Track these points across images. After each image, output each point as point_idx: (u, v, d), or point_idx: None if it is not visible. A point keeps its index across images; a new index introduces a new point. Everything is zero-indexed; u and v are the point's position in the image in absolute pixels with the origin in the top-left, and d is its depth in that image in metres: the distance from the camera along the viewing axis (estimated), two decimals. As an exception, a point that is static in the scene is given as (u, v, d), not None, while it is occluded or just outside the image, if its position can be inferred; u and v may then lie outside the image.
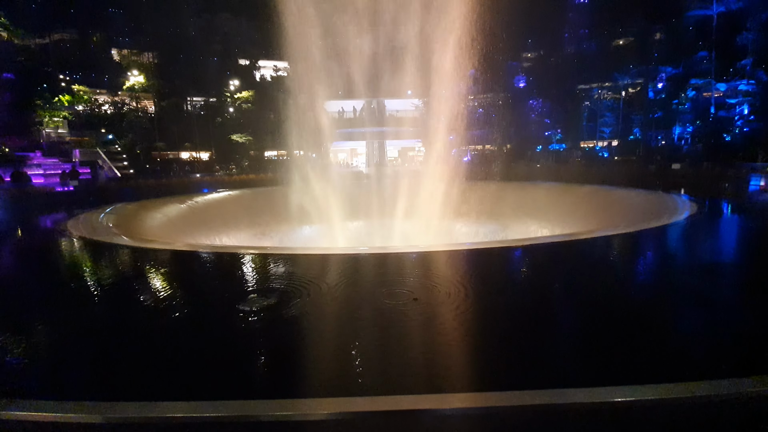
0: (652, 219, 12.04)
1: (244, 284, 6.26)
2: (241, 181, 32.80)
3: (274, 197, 22.59)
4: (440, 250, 8.22)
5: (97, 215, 14.55)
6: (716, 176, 27.25)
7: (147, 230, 14.45)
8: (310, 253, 8.67)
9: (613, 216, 15.94)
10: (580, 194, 20.59)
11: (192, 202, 19.15)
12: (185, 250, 9.16)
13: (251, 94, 52.37)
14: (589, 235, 9.47)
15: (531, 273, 6.74)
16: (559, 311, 4.82)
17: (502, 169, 40.38)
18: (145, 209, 16.64)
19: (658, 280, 6.29)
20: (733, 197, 18.62)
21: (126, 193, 23.28)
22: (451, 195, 19.08)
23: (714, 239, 9.81)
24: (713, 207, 14.77)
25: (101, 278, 6.81)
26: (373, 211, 21.65)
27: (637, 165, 39.15)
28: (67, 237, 10.87)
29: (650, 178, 27.35)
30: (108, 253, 9.12)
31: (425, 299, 4.93)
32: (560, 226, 18.46)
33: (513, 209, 21.89)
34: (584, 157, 48.87)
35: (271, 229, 20.36)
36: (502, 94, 54.53)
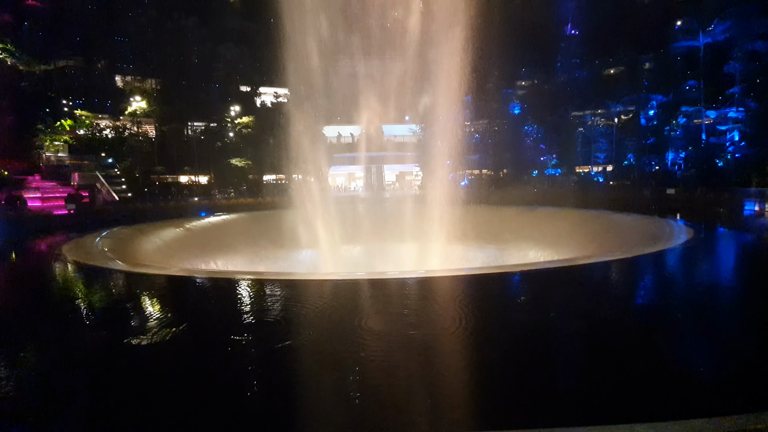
0: (649, 244, 12.04)
1: (238, 312, 6.15)
2: (239, 205, 32.85)
3: (271, 221, 22.56)
4: (439, 275, 8.16)
5: (93, 239, 14.46)
6: (711, 201, 27.50)
7: (142, 254, 14.33)
8: (306, 278, 8.59)
9: (611, 240, 15.95)
10: (578, 219, 20.67)
11: (188, 226, 19.09)
12: (179, 275, 9.06)
13: (251, 119, 53.20)
14: (587, 261, 9.45)
15: (531, 302, 6.66)
16: (561, 344, 4.71)
17: (499, 194, 40.71)
18: (141, 233, 16.55)
19: (659, 309, 6.22)
20: (728, 222, 18.73)
21: (123, 217, 23.24)
22: (449, 219, 19.10)
23: (712, 265, 9.80)
24: (709, 232, 14.84)
25: (92, 304, 6.70)
26: (371, 235, 21.61)
27: (632, 190, 39.53)
28: (61, 261, 10.77)
29: (645, 203, 27.56)
30: (101, 278, 9.00)
31: (424, 330, 4.85)
32: (559, 251, 18.42)
33: (511, 233, 21.89)
34: (580, 181, 49.37)
35: (268, 254, 20.22)
36: (498, 120, 55.64)
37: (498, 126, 55.91)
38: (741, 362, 4.02)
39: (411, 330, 4.80)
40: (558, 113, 53.45)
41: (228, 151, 50.51)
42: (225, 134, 53.22)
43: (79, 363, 4.32)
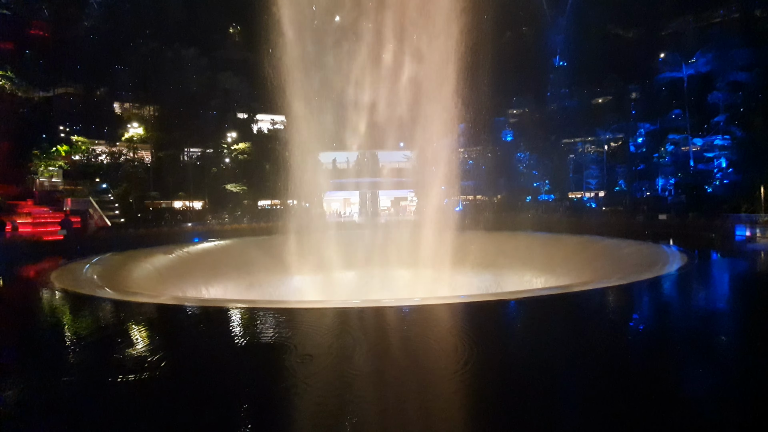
0: (644, 270, 12.02)
1: (227, 345, 5.96)
2: (233, 231, 32.65)
3: (265, 247, 22.37)
4: (434, 303, 8.03)
5: (82, 266, 14.18)
6: (702, 227, 27.78)
7: (133, 282, 14.04)
8: (300, 307, 8.41)
9: (607, 266, 15.94)
10: (573, 244, 20.72)
11: (181, 252, 18.85)
12: (170, 304, 8.84)
13: (248, 145, 53.76)
14: (584, 288, 9.38)
15: (530, 334, 6.52)
16: (561, 377, 4.55)
17: (494, 219, 40.91)
18: (132, 259, 16.29)
19: (658, 337, 6.13)
20: (721, 248, 18.84)
21: (114, 243, 22.92)
22: (445, 244, 19.08)
23: (710, 292, 9.75)
24: (703, 258, 14.87)
25: (76, 334, 6.47)
26: (365, 261, 21.45)
27: (625, 215, 39.96)
28: (49, 289, 10.51)
29: (638, 229, 27.78)
30: (89, 307, 8.76)
31: (420, 363, 4.71)
32: (555, 276, 18.35)
33: (507, 259, 21.84)
34: (573, 207, 49.91)
35: (261, 280, 19.93)
36: (491, 147, 56.75)
37: (491, 152, 56.97)
38: (747, 396, 3.92)
39: (405, 372, 4.62)
40: (549, 140, 54.70)
41: (224, 177, 50.72)
42: (221, 160, 53.57)
43: (54, 401, 4.11)
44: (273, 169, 41.93)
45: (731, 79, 45.25)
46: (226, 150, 54.09)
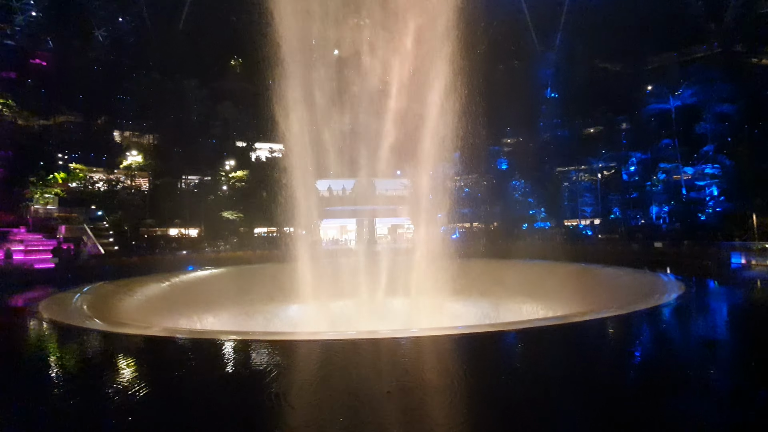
0: (642, 299, 11.94)
1: (218, 380, 5.76)
2: (228, 259, 32.33)
3: (260, 275, 22.11)
4: (431, 335, 7.87)
5: (72, 296, 13.89)
6: (698, 255, 27.85)
7: (124, 312, 13.73)
8: (294, 339, 8.21)
9: (605, 294, 15.83)
10: (570, 272, 20.63)
11: (174, 281, 18.54)
12: (160, 336, 8.60)
13: (246, 173, 54.08)
14: (583, 318, 9.26)
15: (528, 367, 6.36)
16: (563, 414, 4.41)
17: (491, 247, 40.88)
18: (123, 289, 15.99)
19: (661, 373, 5.99)
20: (718, 276, 18.84)
21: (107, 271, 22.58)
22: (442, 272, 18.91)
23: (708, 322, 9.66)
24: (701, 286, 14.82)
25: (62, 367, 6.25)
26: (362, 290, 21.15)
27: (621, 243, 40.09)
28: (37, 320, 10.25)
29: (635, 257, 27.82)
30: (76, 338, 8.50)
31: (418, 399, 4.55)
32: (553, 305, 18.15)
33: (504, 287, 21.65)
34: (569, 235, 50.07)
35: (256, 310, 19.55)
36: (487, 175, 57.48)
37: (486, 180, 57.64)
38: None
39: (404, 415, 4.45)
40: (543, 169, 55.54)
41: (220, 204, 50.67)
42: (218, 188, 53.71)
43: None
44: (270, 197, 42.03)
45: (717, 110, 46.71)
46: (223, 178, 54.35)
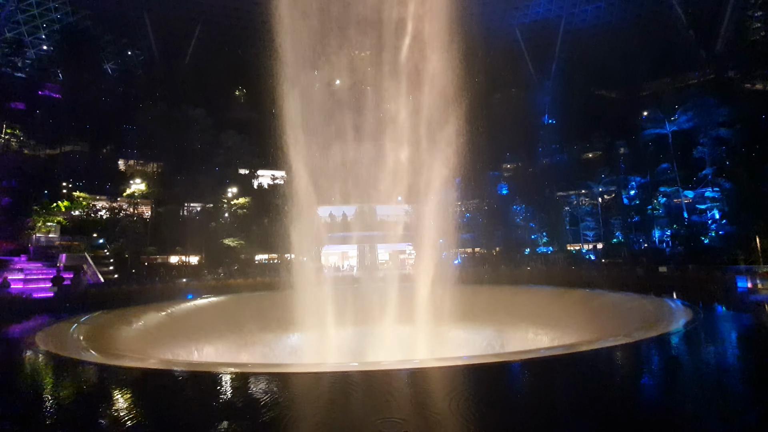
0: (650, 327, 11.69)
1: (218, 413, 5.57)
2: (228, 286, 32.01)
3: (259, 304, 21.82)
4: (435, 366, 7.65)
5: (70, 326, 13.69)
6: (703, 279, 27.49)
7: (121, 342, 13.48)
8: (294, 371, 8.00)
9: (611, 321, 15.50)
10: (575, 298, 20.32)
11: (172, 310, 18.29)
12: (156, 368, 8.39)
13: (248, 200, 54.36)
14: (590, 347, 9.03)
15: (536, 400, 6.14)
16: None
17: (493, 272, 40.49)
18: (121, 318, 15.76)
19: (674, 402, 5.78)
20: (725, 301, 18.54)
21: (105, 300, 22.35)
22: (444, 299, 18.65)
23: (719, 350, 9.39)
24: (709, 312, 14.54)
25: (58, 402, 6.05)
26: (363, 317, 20.80)
27: (625, 268, 39.62)
28: (33, 351, 10.06)
29: (640, 282, 27.44)
30: (72, 371, 8.30)
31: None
32: (558, 333, 17.77)
33: (508, 314, 21.28)
34: (572, 259, 49.63)
35: (255, 339, 19.18)
36: (487, 200, 57.68)
37: (487, 205, 57.77)
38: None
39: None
40: (543, 194, 55.71)
41: (222, 231, 50.68)
42: (221, 215, 53.89)
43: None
44: (271, 224, 42.08)
45: (713, 134, 47.24)
46: (225, 205, 54.62)
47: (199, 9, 70.45)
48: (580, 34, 76.82)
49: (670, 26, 70.82)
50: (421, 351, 16.53)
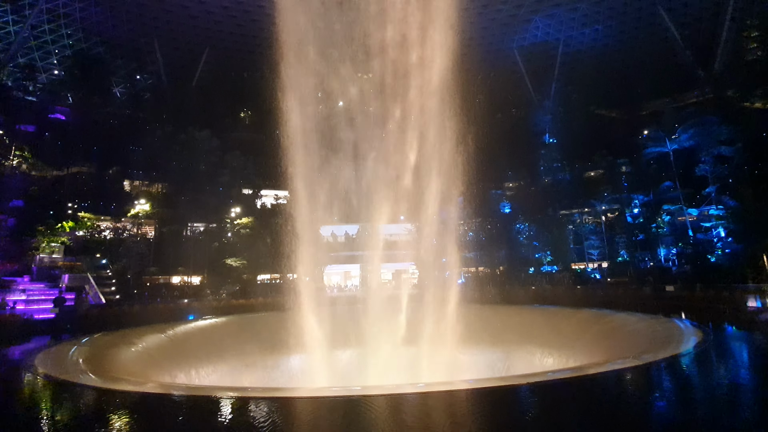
0: (660, 348, 11.42)
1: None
2: (230, 307, 31.78)
3: (261, 324, 21.59)
4: (440, 390, 7.47)
5: (69, 348, 13.55)
6: (712, 299, 27.04)
7: (121, 365, 13.29)
8: (295, 396, 7.82)
9: (620, 343, 15.17)
10: (582, 319, 19.97)
11: (173, 332, 18.10)
12: (155, 393, 8.24)
13: (251, 220, 54.54)
14: (599, 370, 8.80)
15: (543, 424, 5.96)
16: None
17: (498, 292, 39.97)
18: (121, 340, 15.60)
19: (687, 429, 5.58)
20: (734, 321, 18.18)
21: (106, 322, 22.21)
22: (448, 319, 18.39)
23: (731, 373, 9.14)
24: (719, 333, 14.24)
25: (54, 428, 5.92)
26: (366, 339, 20.47)
27: (631, 287, 39.06)
28: (31, 374, 9.93)
29: (647, 301, 27.05)
30: (70, 395, 8.16)
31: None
32: (566, 355, 17.39)
33: (514, 334, 20.92)
34: (577, 279, 49.03)
35: (256, 361, 18.88)
36: (490, 218, 57.53)
37: (490, 224, 57.59)
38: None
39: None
40: (546, 212, 55.53)
41: (224, 251, 50.68)
42: (224, 235, 54.00)
43: None
44: (274, 243, 42.05)
45: (715, 153, 47.26)
46: (229, 225, 54.79)
47: (206, 35, 72.64)
48: (579, 55, 78.39)
49: (667, 47, 72.15)
50: (424, 373, 16.18)
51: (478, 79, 40.80)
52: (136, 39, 70.17)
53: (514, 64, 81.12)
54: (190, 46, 73.73)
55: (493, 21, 73.56)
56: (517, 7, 71.25)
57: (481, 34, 74.17)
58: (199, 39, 73.13)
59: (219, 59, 76.49)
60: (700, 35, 69.38)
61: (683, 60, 70.74)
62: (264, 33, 60.35)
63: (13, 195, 44.07)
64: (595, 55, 77.57)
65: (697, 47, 69.34)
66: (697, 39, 69.53)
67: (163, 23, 69.07)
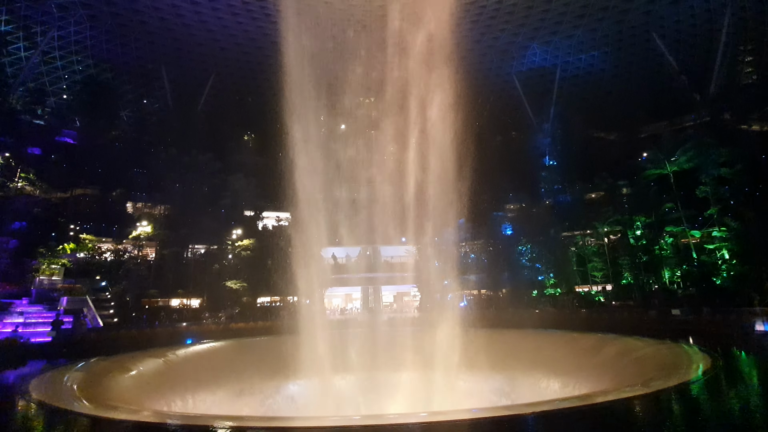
0: (668, 374, 11.13)
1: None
2: (229, 331, 31.34)
3: (260, 349, 21.21)
4: (443, 420, 7.23)
5: (64, 374, 13.28)
6: (719, 322, 26.55)
7: (116, 391, 13.00)
8: (293, 425, 7.58)
9: (626, 369, 14.82)
10: (588, 344, 19.58)
11: (170, 357, 17.77)
12: (150, 422, 8.00)
13: (252, 242, 54.35)
14: (607, 398, 8.54)
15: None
16: None
17: (501, 315, 39.40)
18: (117, 365, 15.31)
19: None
20: (743, 345, 17.79)
21: (103, 346, 21.86)
22: (451, 344, 18.05)
23: (743, 399, 8.86)
24: (728, 358, 13.89)
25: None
26: (367, 364, 20.04)
27: (637, 310, 38.43)
28: (25, 401, 9.72)
29: (653, 325, 26.58)
30: (63, 424, 7.93)
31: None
32: (572, 381, 16.94)
33: (518, 360, 20.47)
34: (581, 301, 48.30)
35: (254, 388, 18.43)
36: (492, 240, 57.30)
37: (492, 246, 57.31)
38: None
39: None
40: (548, 234, 55.23)
41: (224, 273, 50.31)
42: (224, 257, 53.77)
43: None
44: (275, 265, 41.81)
45: (714, 174, 47.27)
46: (230, 246, 54.63)
47: (213, 61, 74.64)
48: (576, 80, 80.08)
49: (662, 72, 73.67)
50: (427, 400, 15.75)
51: (478, 104, 41.55)
52: (144, 65, 72.09)
53: (513, 88, 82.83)
54: (197, 72, 75.62)
55: (492, 48, 75.55)
56: (514, 34, 73.28)
57: (480, 60, 76.09)
58: (206, 65, 75.12)
59: (224, 84, 78.34)
60: (694, 60, 70.96)
61: (679, 84, 72.09)
62: (269, 60, 62.18)
63: (16, 217, 44.27)
64: (592, 80, 79.27)
65: (691, 72, 70.80)
66: (691, 63, 71.09)
67: (172, 50, 71.10)
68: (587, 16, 68.22)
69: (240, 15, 65.63)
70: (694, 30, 68.95)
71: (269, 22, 63.58)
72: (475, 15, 66.04)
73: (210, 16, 65.20)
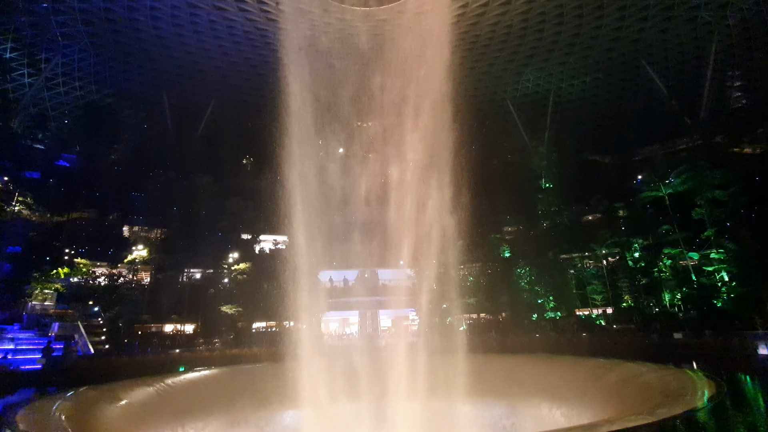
0: (673, 402, 10.88)
1: None
2: (223, 357, 30.61)
3: (255, 377, 20.67)
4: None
5: (53, 404, 12.84)
6: (722, 346, 26.21)
7: (105, 422, 12.58)
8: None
9: (630, 396, 14.48)
10: (590, 369, 19.18)
11: (161, 385, 17.25)
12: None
13: (248, 266, 53.84)
14: (612, 427, 8.29)
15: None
16: None
17: (501, 340, 38.79)
18: (107, 394, 14.84)
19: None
20: (748, 369, 17.52)
21: (94, 374, 21.28)
22: (451, 371, 17.70)
23: (754, 427, 8.63)
24: (733, 383, 13.63)
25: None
26: (365, 392, 19.53)
27: (638, 334, 37.92)
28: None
29: (655, 349, 26.20)
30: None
31: None
32: (575, 408, 16.52)
33: (519, 386, 19.99)
34: (582, 325, 47.68)
35: (248, 417, 17.87)
36: (490, 263, 57.03)
37: (491, 268, 56.99)
38: None
39: None
40: (546, 256, 55.06)
41: (220, 298, 49.58)
42: (220, 281, 53.14)
43: None
44: (271, 290, 41.31)
45: (709, 196, 47.65)
46: (226, 270, 54.08)
47: (214, 87, 76.08)
48: (569, 105, 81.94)
49: (653, 97, 75.51)
50: (426, 430, 15.28)
51: (474, 128, 42.32)
52: (146, 91, 73.35)
53: (508, 113, 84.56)
54: (197, 97, 76.93)
55: (486, 74, 77.55)
56: (508, 61, 75.36)
57: (475, 85, 77.99)
58: (207, 90, 76.50)
59: (224, 108, 79.58)
60: (684, 85, 72.89)
61: (670, 108, 73.79)
62: (269, 86, 63.45)
63: (11, 241, 43.94)
64: (586, 104, 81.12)
65: (682, 96, 72.58)
66: (681, 89, 72.96)
67: (173, 76, 72.55)
68: (578, 44, 70.42)
69: (242, 43, 67.39)
70: (682, 57, 71.17)
71: (270, 50, 65.21)
72: (469, 43, 68.06)
73: (212, 44, 66.90)
